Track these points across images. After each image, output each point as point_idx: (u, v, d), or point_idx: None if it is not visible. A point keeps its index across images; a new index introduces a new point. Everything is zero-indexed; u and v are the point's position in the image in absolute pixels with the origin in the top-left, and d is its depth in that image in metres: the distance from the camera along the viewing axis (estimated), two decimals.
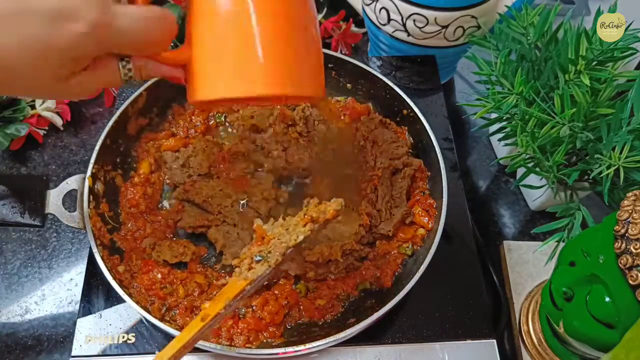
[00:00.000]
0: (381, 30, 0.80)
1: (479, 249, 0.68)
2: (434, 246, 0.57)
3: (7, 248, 0.71)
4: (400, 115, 0.72)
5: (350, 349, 0.56)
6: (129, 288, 0.58)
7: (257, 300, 0.58)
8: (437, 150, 0.65)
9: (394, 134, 0.70)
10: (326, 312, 0.59)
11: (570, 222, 0.58)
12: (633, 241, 0.42)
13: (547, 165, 0.58)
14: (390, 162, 0.67)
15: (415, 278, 0.55)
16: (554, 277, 0.51)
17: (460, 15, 0.73)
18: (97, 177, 0.62)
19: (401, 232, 0.64)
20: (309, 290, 0.61)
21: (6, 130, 0.76)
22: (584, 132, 0.55)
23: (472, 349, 0.57)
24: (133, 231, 0.63)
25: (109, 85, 0.44)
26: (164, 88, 0.71)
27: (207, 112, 0.74)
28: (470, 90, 0.91)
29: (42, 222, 0.59)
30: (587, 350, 0.52)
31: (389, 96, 0.72)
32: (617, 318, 0.45)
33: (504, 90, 0.61)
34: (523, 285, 0.67)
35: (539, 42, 0.63)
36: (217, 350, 0.52)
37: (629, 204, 0.44)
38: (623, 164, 0.52)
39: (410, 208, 0.65)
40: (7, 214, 0.58)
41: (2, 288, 0.68)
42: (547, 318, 0.58)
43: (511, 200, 0.78)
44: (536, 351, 0.61)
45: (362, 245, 0.62)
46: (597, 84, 0.57)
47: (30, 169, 0.79)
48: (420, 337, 0.58)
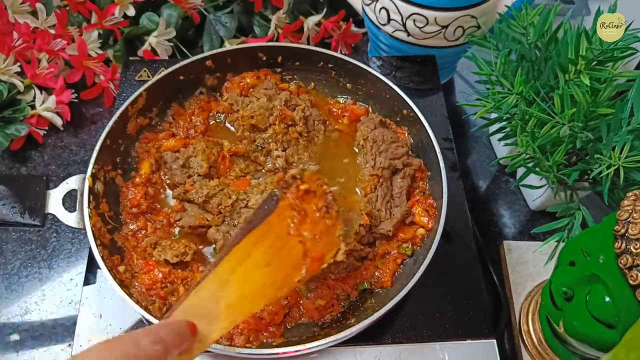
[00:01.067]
0: (381, 30, 0.80)
1: (479, 249, 0.68)
2: (434, 246, 0.57)
3: (7, 248, 0.71)
4: (400, 115, 0.72)
5: (350, 349, 0.56)
6: (130, 288, 0.58)
7: None
8: (437, 150, 0.65)
9: (393, 134, 0.70)
10: (326, 312, 0.59)
11: (570, 222, 0.58)
12: (633, 241, 0.42)
13: (547, 165, 0.58)
14: (390, 162, 0.67)
15: (415, 278, 0.55)
16: (554, 277, 0.51)
17: (460, 15, 0.73)
18: (97, 177, 0.62)
19: (401, 232, 0.64)
20: (309, 290, 0.61)
21: (6, 130, 0.76)
22: (584, 132, 0.55)
23: (472, 349, 0.57)
24: (134, 231, 0.63)
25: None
26: (164, 88, 0.71)
27: (207, 112, 0.74)
28: (470, 90, 0.91)
29: (42, 222, 0.59)
30: (587, 350, 0.52)
31: (389, 96, 0.72)
32: (617, 318, 0.45)
33: (504, 90, 0.61)
34: (523, 285, 0.67)
35: (539, 42, 0.63)
36: (217, 350, 0.52)
37: (629, 204, 0.44)
38: (623, 164, 0.52)
39: (410, 208, 0.65)
40: (7, 214, 0.58)
41: (2, 288, 0.68)
42: (547, 318, 0.58)
43: (511, 200, 0.78)
44: (536, 351, 0.61)
45: (362, 245, 0.62)
46: (597, 84, 0.57)
47: (30, 169, 0.79)
48: (420, 337, 0.58)
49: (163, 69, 0.73)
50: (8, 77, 0.77)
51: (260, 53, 0.75)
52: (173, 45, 0.87)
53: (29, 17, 0.80)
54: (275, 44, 0.77)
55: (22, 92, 0.79)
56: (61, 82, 0.79)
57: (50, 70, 0.79)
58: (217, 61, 0.73)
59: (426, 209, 0.65)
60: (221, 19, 0.89)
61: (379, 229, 0.64)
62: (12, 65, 0.78)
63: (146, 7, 0.87)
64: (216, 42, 0.89)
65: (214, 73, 0.75)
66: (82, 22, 0.84)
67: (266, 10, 0.90)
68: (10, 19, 0.79)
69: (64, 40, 0.79)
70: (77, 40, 0.79)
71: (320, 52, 0.74)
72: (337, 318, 0.59)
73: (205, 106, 0.74)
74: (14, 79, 0.78)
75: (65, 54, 0.79)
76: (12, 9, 0.79)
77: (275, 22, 0.87)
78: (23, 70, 0.78)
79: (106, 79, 0.82)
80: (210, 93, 0.76)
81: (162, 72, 0.71)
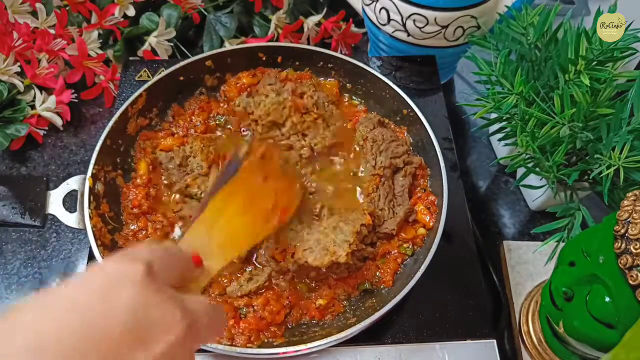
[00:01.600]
0: (381, 30, 0.80)
1: (479, 249, 0.68)
2: (434, 246, 0.57)
3: (7, 248, 0.71)
4: (400, 115, 0.72)
5: (351, 349, 0.56)
6: None
7: (259, 300, 0.58)
8: (437, 148, 0.65)
9: (393, 133, 0.70)
10: (327, 311, 0.59)
11: (570, 222, 0.58)
12: (633, 241, 0.42)
13: (547, 165, 0.58)
14: (391, 161, 0.67)
15: (416, 278, 0.55)
16: (554, 277, 0.51)
17: (460, 15, 0.73)
18: (97, 177, 0.62)
19: (402, 232, 0.64)
20: (310, 290, 0.61)
21: (6, 130, 0.76)
22: (584, 132, 0.55)
23: (472, 349, 0.57)
24: (135, 231, 0.63)
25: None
26: (163, 88, 0.71)
27: (207, 113, 0.74)
28: (470, 90, 0.91)
29: (42, 222, 0.59)
30: (587, 350, 0.52)
31: (389, 96, 0.72)
32: (617, 318, 0.45)
33: (503, 90, 0.61)
34: (523, 285, 0.67)
35: (539, 42, 0.63)
36: (218, 350, 0.52)
37: (629, 204, 0.44)
38: (623, 164, 0.52)
39: (413, 206, 0.66)
40: (7, 215, 0.58)
41: (2, 288, 0.68)
42: (547, 318, 0.58)
43: (511, 200, 0.78)
44: (536, 351, 0.61)
45: (365, 245, 0.62)
46: (597, 84, 0.57)
47: (30, 169, 0.79)
48: (420, 337, 0.58)
49: (163, 69, 0.73)
50: (8, 77, 0.77)
51: (260, 53, 0.75)
52: (173, 45, 0.87)
53: (29, 17, 0.80)
54: (275, 43, 0.77)
55: (22, 92, 0.79)
56: (61, 82, 0.79)
57: (50, 70, 0.79)
58: (216, 61, 0.74)
59: (428, 207, 0.65)
60: (221, 19, 0.89)
61: (382, 228, 0.64)
62: (12, 65, 0.78)
63: (146, 7, 0.87)
64: (216, 42, 0.89)
65: (213, 73, 0.75)
66: (82, 22, 0.84)
67: (266, 10, 0.90)
68: (10, 19, 0.79)
69: (64, 40, 0.79)
70: (77, 40, 0.79)
71: (320, 52, 0.75)
72: (338, 318, 0.59)
73: (205, 106, 0.74)
74: (14, 79, 0.78)
75: (65, 54, 0.79)
76: (12, 9, 0.79)
77: (275, 22, 0.87)
78: (23, 70, 0.78)
79: (106, 79, 0.82)
80: (210, 93, 0.76)
81: (162, 72, 0.71)
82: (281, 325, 0.58)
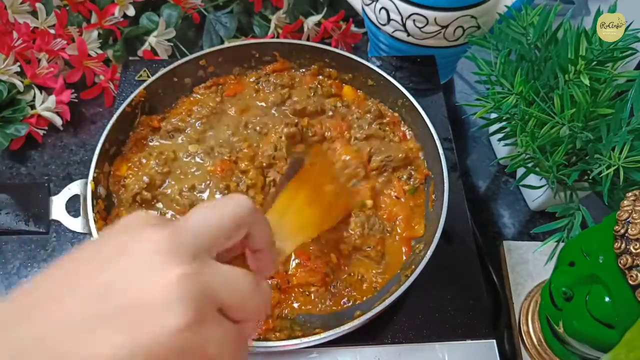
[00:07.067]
0: (381, 30, 0.80)
1: (479, 249, 0.68)
2: (433, 245, 0.57)
3: (7, 248, 0.71)
4: (398, 112, 0.72)
5: (350, 349, 0.56)
6: None
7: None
8: (438, 149, 0.65)
9: (391, 132, 0.70)
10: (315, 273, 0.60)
11: (570, 222, 0.58)
12: (633, 241, 0.42)
13: (547, 165, 0.58)
14: (388, 160, 0.67)
15: (415, 274, 0.55)
16: (554, 277, 0.51)
17: (460, 15, 0.73)
18: (98, 181, 0.62)
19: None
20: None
21: (6, 130, 0.76)
22: (583, 132, 0.55)
23: (472, 349, 0.57)
24: None
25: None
26: (164, 88, 0.71)
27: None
28: (470, 90, 0.91)
29: (46, 229, 0.58)
30: (587, 350, 0.52)
31: (388, 94, 0.72)
32: (617, 318, 0.45)
33: (503, 90, 0.61)
34: (523, 285, 0.67)
35: (539, 42, 0.63)
36: None
37: (628, 204, 0.44)
38: (623, 164, 0.52)
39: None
40: (11, 223, 0.57)
41: (2, 288, 0.68)
42: (547, 318, 0.58)
43: (511, 200, 0.78)
44: (536, 351, 0.61)
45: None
46: (597, 84, 0.57)
47: (30, 169, 0.79)
48: (420, 337, 0.58)
49: (162, 69, 0.73)
50: (8, 77, 0.77)
51: (253, 50, 0.75)
52: (173, 45, 0.87)
53: (28, 17, 0.80)
54: (272, 40, 0.77)
55: (22, 92, 0.79)
56: (61, 82, 0.79)
57: (50, 70, 0.79)
58: (210, 60, 0.73)
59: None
60: (221, 19, 0.89)
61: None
62: (12, 65, 0.78)
63: (146, 7, 0.87)
64: (216, 42, 0.89)
65: (209, 71, 0.74)
66: (82, 22, 0.84)
67: (266, 10, 0.90)
68: (10, 18, 0.79)
69: (63, 40, 0.79)
70: (77, 40, 0.79)
71: (317, 48, 0.75)
72: (337, 315, 0.59)
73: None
74: (13, 79, 0.78)
75: (65, 54, 0.79)
76: (12, 9, 0.79)
77: (275, 22, 0.87)
78: (23, 70, 0.78)
79: (106, 79, 0.82)
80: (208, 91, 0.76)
81: (162, 71, 0.71)
82: (279, 319, 0.58)
